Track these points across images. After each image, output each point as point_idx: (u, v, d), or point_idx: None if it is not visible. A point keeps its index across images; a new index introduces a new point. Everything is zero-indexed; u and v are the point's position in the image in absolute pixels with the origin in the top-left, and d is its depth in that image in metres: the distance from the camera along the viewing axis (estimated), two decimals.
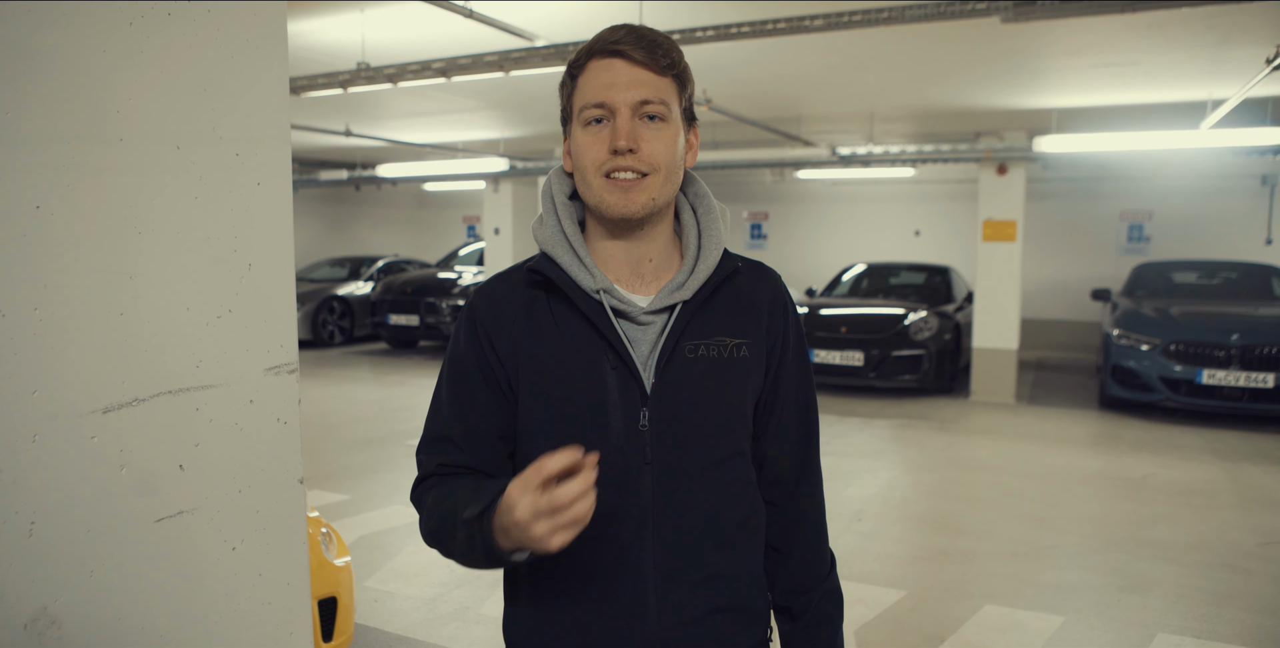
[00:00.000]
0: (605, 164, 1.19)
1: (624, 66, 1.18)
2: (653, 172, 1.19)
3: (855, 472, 6.16)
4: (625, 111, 1.18)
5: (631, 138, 1.17)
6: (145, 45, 1.08)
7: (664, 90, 1.20)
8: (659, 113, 1.19)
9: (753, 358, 1.28)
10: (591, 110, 1.19)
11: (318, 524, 2.92)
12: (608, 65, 1.19)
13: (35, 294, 0.99)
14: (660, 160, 1.19)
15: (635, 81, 1.18)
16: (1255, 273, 9.37)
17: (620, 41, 1.18)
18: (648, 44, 1.18)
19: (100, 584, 1.06)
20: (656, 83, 1.19)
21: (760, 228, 15.00)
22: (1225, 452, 6.81)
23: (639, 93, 1.18)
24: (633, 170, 1.18)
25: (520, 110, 8.92)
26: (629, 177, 1.18)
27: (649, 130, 1.19)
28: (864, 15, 4.42)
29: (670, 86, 1.21)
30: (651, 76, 1.19)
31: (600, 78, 1.19)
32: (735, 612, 1.29)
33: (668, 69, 1.20)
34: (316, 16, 5.38)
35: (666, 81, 1.20)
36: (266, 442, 1.25)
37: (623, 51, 1.18)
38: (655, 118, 1.19)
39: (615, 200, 1.19)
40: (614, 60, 1.19)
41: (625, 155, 1.17)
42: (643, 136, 1.18)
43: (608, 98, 1.18)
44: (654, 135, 1.19)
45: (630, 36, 1.19)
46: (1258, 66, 5.62)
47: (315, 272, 14.22)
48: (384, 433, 7.31)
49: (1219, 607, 3.89)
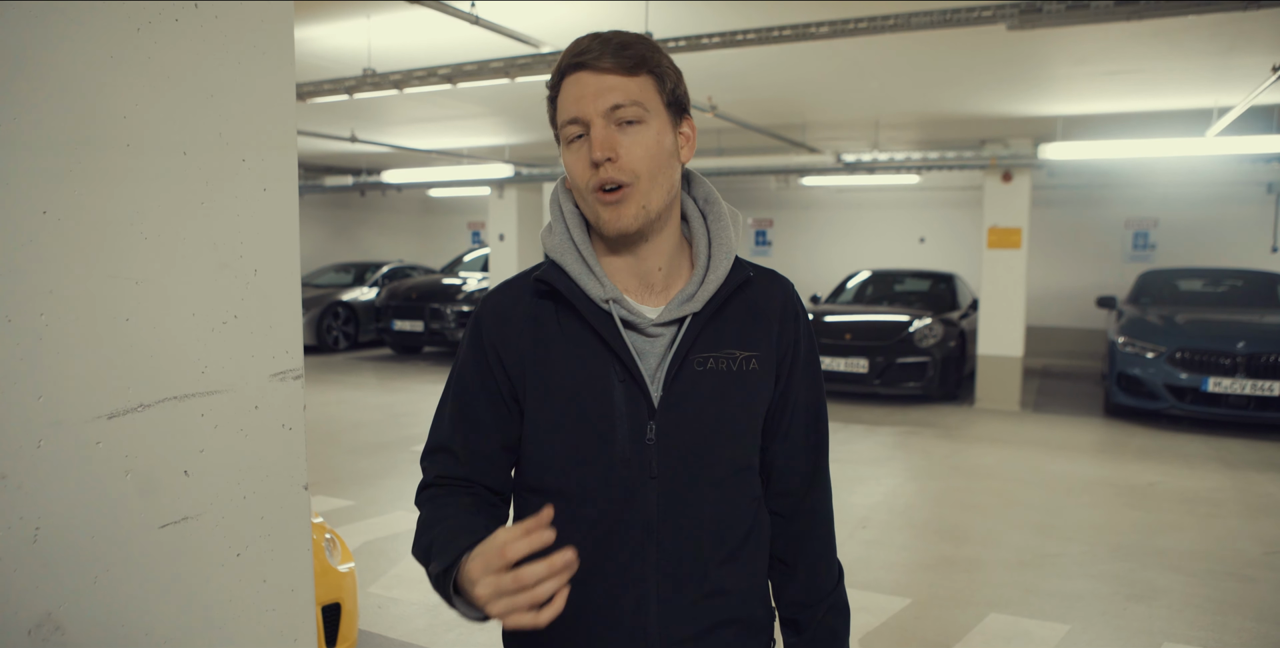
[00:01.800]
0: (591, 180, 1.17)
1: (590, 77, 1.17)
2: (635, 179, 1.17)
3: (860, 479, 6.15)
4: (599, 121, 1.16)
5: (607, 147, 1.15)
6: (152, 51, 1.09)
7: (636, 91, 1.17)
8: (635, 116, 1.17)
9: (763, 370, 1.26)
10: (569, 127, 1.18)
11: (322, 530, 2.92)
12: (576, 80, 1.18)
13: (41, 299, 0.99)
14: (641, 166, 1.17)
15: (603, 89, 1.16)
16: (1261, 281, 9.34)
17: (584, 53, 1.17)
18: (613, 48, 1.16)
19: (104, 590, 1.06)
20: (626, 85, 1.17)
21: (765, 235, 15.00)
22: (1231, 460, 6.78)
23: (607, 99, 1.16)
24: (614, 181, 1.17)
25: (525, 116, 8.93)
26: (613, 190, 1.17)
27: (626, 136, 1.17)
28: (870, 22, 4.43)
29: (645, 84, 1.18)
30: (620, 80, 1.17)
31: (570, 93, 1.18)
32: (738, 625, 1.27)
33: (637, 68, 1.17)
34: (323, 22, 5.40)
35: (639, 80, 1.18)
36: (271, 447, 1.25)
37: (587, 62, 1.17)
38: (632, 122, 1.17)
39: (609, 216, 1.18)
40: (581, 73, 1.18)
41: (605, 166, 1.16)
42: (620, 143, 1.16)
43: (579, 111, 1.17)
44: (631, 140, 1.17)
45: (595, 45, 1.17)
46: (1264, 74, 5.62)
47: (320, 277, 14.24)
48: (388, 439, 7.31)
49: (1225, 616, 3.87)
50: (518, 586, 0.97)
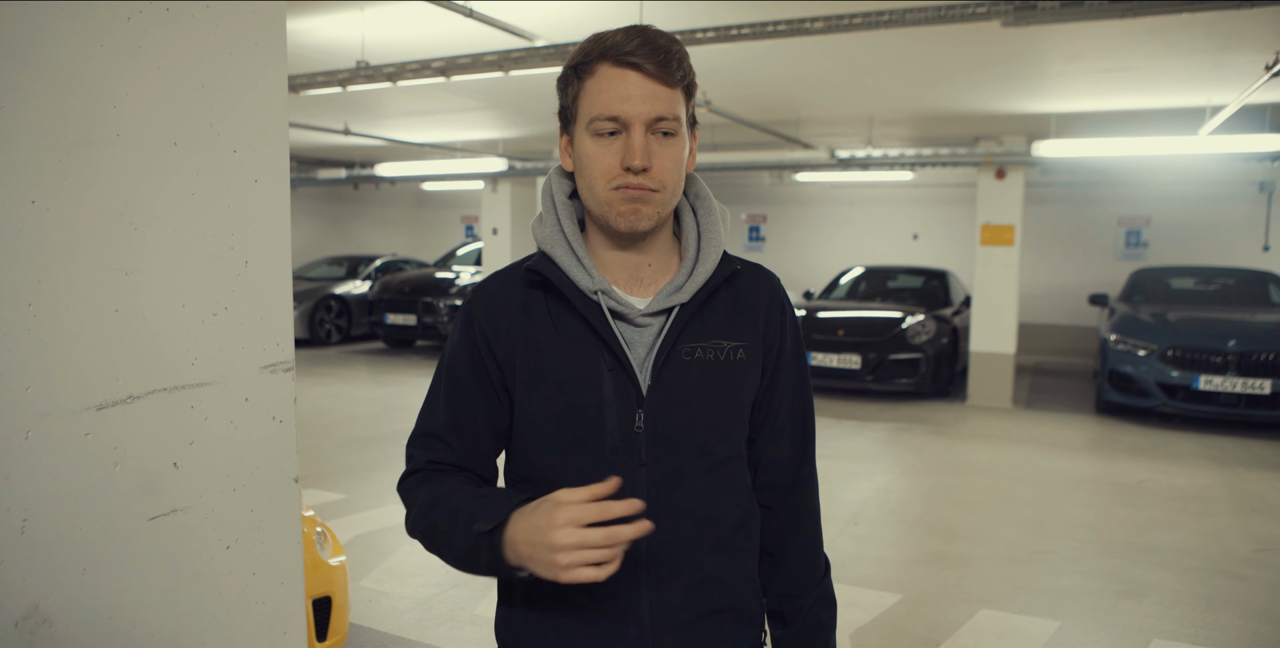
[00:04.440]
0: (616, 179, 1.17)
1: (638, 79, 1.16)
2: (662, 188, 1.19)
3: (852, 475, 6.16)
4: (640, 127, 1.16)
5: (647, 157, 1.16)
6: (143, 41, 1.08)
7: (675, 104, 1.18)
8: (672, 129, 1.18)
9: (750, 361, 1.28)
10: (604, 123, 1.17)
11: (313, 523, 2.91)
12: (621, 76, 1.16)
13: (30, 290, 0.99)
14: (669, 178, 1.19)
15: (650, 96, 1.16)
16: (1252, 279, 9.39)
17: (635, 53, 1.15)
18: (663, 55, 1.16)
19: (93, 583, 1.06)
20: (670, 97, 1.17)
21: (758, 230, 15.00)
22: (1222, 458, 6.81)
23: (654, 108, 1.16)
24: (644, 188, 1.17)
25: (519, 110, 8.91)
26: (638, 189, 1.18)
27: (661, 147, 1.18)
28: (864, 18, 4.42)
29: (680, 98, 1.19)
30: (665, 90, 1.17)
31: (614, 89, 1.16)
32: (729, 615, 1.28)
33: (680, 81, 1.18)
34: (316, 14, 5.38)
35: (677, 93, 1.19)
36: (261, 440, 1.25)
37: (638, 64, 1.15)
38: (668, 134, 1.18)
39: (626, 211, 1.18)
40: (628, 72, 1.16)
41: (640, 174, 1.16)
42: (656, 154, 1.17)
43: (623, 112, 1.16)
44: (665, 152, 1.18)
45: (645, 48, 1.15)
46: (1257, 73, 5.62)
47: (313, 270, 14.20)
48: (380, 432, 7.30)
49: (1215, 613, 3.89)
50: (609, 540, 1.03)
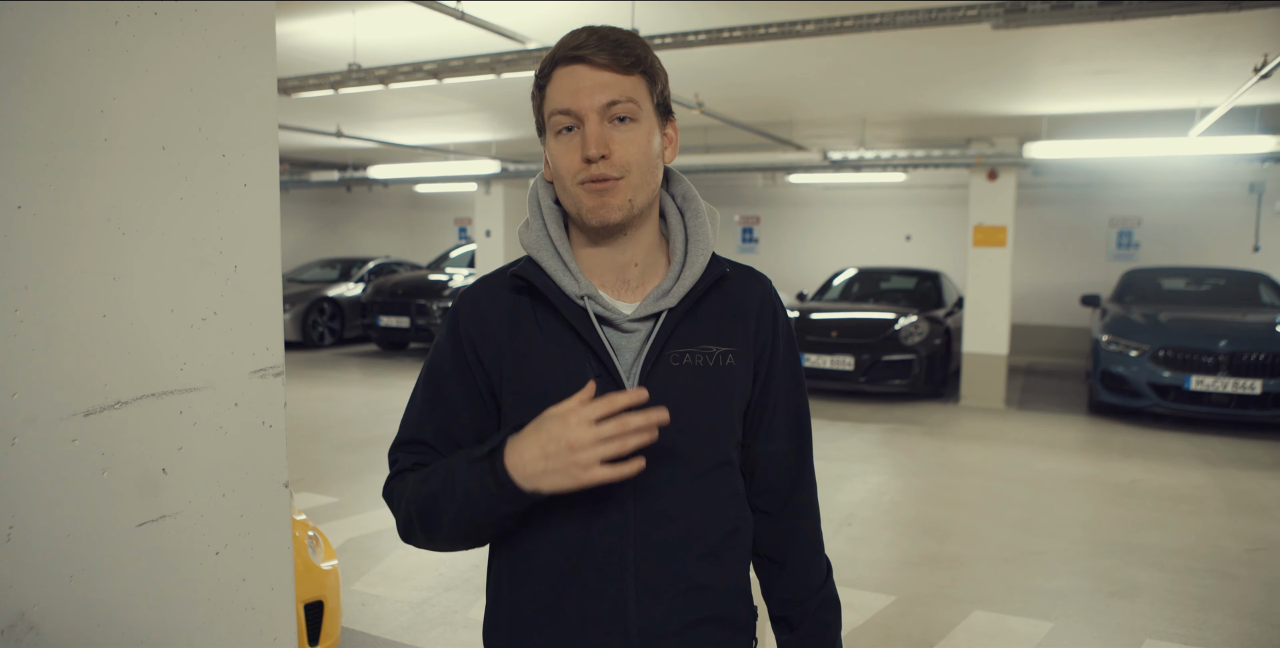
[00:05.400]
0: (580, 173, 1.18)
1: (587, 71, 1.17)
2: (626, 174, 1.18)
3: (845, 476, 6.17)
4: (593, 117, 1.16)
5: (602, 143, 1.16)
6: (131, 44, 1.07)
7: (631, 89, 1.18)
8: (628, 112, 1.18)
9: (740, 365, 1.26)
10: (560, 117, 1.18)
11: (304, 527, 2.90)
12: (571, 72, 1.18)
13: (15, 295, 0.98)
14: (633, 162, 1.18)
15: (600, 85, 1.17)
16: (1243, 280, 9.42)
17: (582, 46, 1.17)
18: (610, 45, 1.17)
19: (80, 589, 1.05)
20: (622, 83, 1.18)
21: (752, 232, 15.01)
22: (1213, 458, 6.83)
23: (604, 95, 1.16)
24: (605, 176, 1.17)
25: (512, 112, 8.91)
26: (602, 180, 1.17)
27: (619, 133, 1.18)
28: (856, 20, 4.43)
29: (638, 84, 1.19)
30: (616, 77, 1.17)
31: (565, 84, 1.18)
32: (718, 623, 1.27)
33: (633, 67, 1.18)
34: (307, 17, 5.37)
35: (633, 80, 1.19)
36: (251, 445, 1.24)
37: (584, 56, 1.17)
38: (625, 119, 1.18)
39: (593, 204, 1.18)
40: (577, 66, 1.18)
41: (598, 162, 1.16)
42: (614, 139, 1.17)
43: (574, 104, 1.17)
44: (625, 137, 1.18)
45: (592, 39, 1.17)
46: (1246, 75, 5.65)
47: (305, 273, 14.16)
48: (373, 435, 7.28)
49: (1207, 613, 3.90)
50: (621, 429, 1.05)
